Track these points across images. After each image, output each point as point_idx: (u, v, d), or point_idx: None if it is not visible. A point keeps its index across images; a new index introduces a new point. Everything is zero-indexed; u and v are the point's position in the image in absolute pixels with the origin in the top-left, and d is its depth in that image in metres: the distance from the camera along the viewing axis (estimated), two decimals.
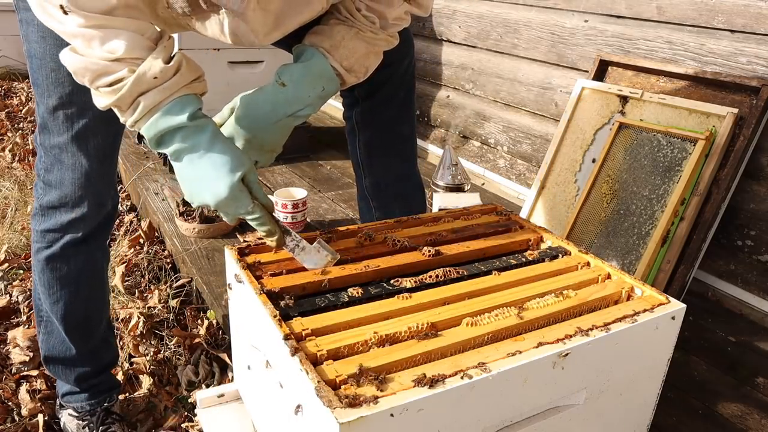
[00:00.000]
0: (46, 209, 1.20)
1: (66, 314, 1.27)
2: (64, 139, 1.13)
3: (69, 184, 1.16)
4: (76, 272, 1.25)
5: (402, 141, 1.44)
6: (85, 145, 1.14)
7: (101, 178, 1.20)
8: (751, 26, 1.70)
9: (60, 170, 1.16)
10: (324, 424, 0.70)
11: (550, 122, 2.38)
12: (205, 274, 1.86)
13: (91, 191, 1.19)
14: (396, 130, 1.41)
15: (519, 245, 1.20)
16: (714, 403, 1.41)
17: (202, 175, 0.91)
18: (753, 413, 1.38)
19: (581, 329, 0.88)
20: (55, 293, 1.25)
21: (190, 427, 1.45)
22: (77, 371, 1.35)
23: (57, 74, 1.07)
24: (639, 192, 1.78)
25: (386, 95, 1.35)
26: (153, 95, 0.87)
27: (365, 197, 1.47)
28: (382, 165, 1.43)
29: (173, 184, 2.54)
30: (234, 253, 1.06)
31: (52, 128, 1.13)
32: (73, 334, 1.30)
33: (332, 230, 1.16)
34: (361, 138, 1.41)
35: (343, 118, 1.45)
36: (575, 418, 0.92)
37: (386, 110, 1.38)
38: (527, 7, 2.40)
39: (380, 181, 1.43)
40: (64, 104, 1.10)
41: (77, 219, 1.19)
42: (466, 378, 0.76)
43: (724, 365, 1.56)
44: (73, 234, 1.21)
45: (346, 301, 0.95)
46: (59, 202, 1.18)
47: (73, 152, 1.14)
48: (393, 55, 1.24)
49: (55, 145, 1.14)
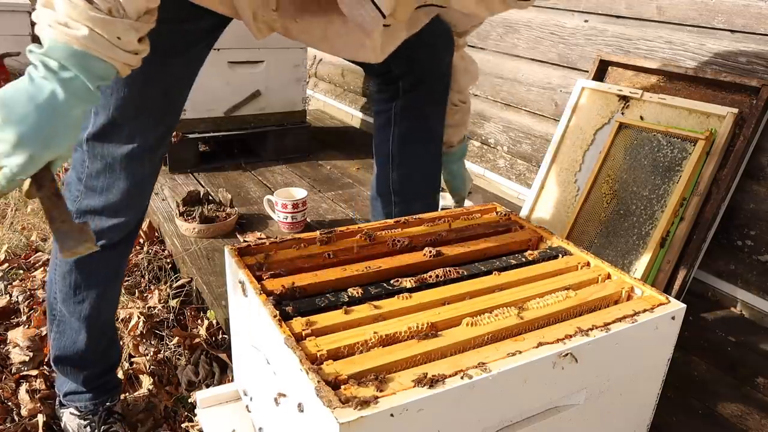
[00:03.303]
0: (83, 213, 1.17)
1: (90, 315, 1.27)
2: (122, 151, 1.11)
3: (117, 193, 1.14)
4: (105, 275, 1.25)
5: (435, 137, 1.46)
6: (141, 159, 1.13)
7: (149, 189, 1.21)
8: (751, 26, 1.70)
9: (109, 178, 1.13)
10: (324, 424, 0.70)
11: (550, 122, 2.38)
12: (205, 274, 1.86)
13: (138, 200, 1.19)
14: (431, 125, 1.44)
15: (519, 245, 1.20)
16: (714, 403, 1.41)
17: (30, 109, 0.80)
18: (753, 413, 1.38)
19: (581, 329, 0.88)
20: (80, 293, 1.25)
21: (190, 427, 1.45)
22: (86, 371, 1.35)
23: (130, 90, 1.06)
24: (639, 192, 1.78)
25: (429, 89, 1.38)
26: (102, 43, 0.81)
27: (387, 192, 1.47)
28: (415, 157, 1.44)
29: (173, 184, 2.54)
30: (234, 253, 1.06)
31: (112, 139, 1.11)
32: (91, 333, 1.30)
33: (332, 230, 1.16)
34: (396, 130, 1.42)
35: (374, 114, 1.46)
36: (575, 418, 0.92)
37: (427, 104, 1.40)
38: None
39: (411, 174, 1.45)
40: (129, 119, 1.09)
41: (117, 225, 1.18)
42: (466, 378, 0.76)
43: (724, 365, 1.56)
44: (109, 239, 1.19)
45: (346, 301, 0.95)
46: (102, 208, 1.16)
47: (127, 163, 1.12)
48: (440, 50, 1.27)
49: (108, 153, 1.12)
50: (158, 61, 0.97)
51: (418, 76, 1.34)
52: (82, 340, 1.30)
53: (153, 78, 1.07)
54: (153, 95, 1.10)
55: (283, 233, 2.14)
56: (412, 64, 1.33)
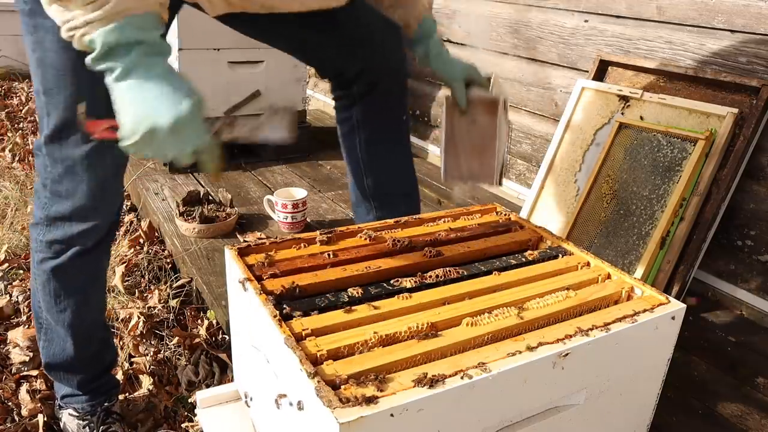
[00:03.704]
0: (53, 220, 1.15)
1: (73, 322, 1.26)
2: (81, 152, 1.08)
3: (82, 196, 1.12)
4: (84, 281, 1.24)
5: (402, 136, 1.44)
6: (102, 158, 1.10)
7: (115, 189, 1.18)
8: (751, 26, 1.70)
9: (72, 182, 1.11)
10: (324, 424, 0.70)
11: (550, 122, 2.38)
12: (205, 274, 1.86)
13: (105, 202, 1.16)
14: (396, 125, 1.42)
15: (519, 245, 1.20)
16: (714, 403, 1.41)
17: (157, 94, 0.83)
18: (753, 413, 1.38)
19: (581, 329, 0.88)
20: (61, 302, 1.23)
21: (190, 427, 1.45)
22: (79, 376, 1.35)
23: (78, 88, 1.03)
24: (639, 192, 1.78)
25: (385, 90, 1.36)
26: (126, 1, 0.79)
27: (365, 198, 1.46)
28: (386, 161, 1.43)
29: (173, 184, 2.54)
30: (234, 253, 1.06)
31: (69, 141, 1.08)
32: (77, 339, 1.29)
33: (332, 230, 1.16)
34: (362, 135, 1.40)
35: (337, 123, 1.44)
36: (575, 418, 0.92)
37: (386, 105, 1.38)
38: (527, 7, 2.40)
39: (383, 179, 1.43)
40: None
41: (88, 230, 1.16)
42: (466, 378, 0.76)
43: (724, 365, 1.56)
44: (82, 245, 1.17)
45: (346, 301, 0.95)
46: (71, 214, 1.14)
47: (88, 165, 1.09)
48: (387, 46, 1.24)
49: (68, 156, 1.09)
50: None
51: (371, 78, 1.31)
52: (71, 347, 1.29)
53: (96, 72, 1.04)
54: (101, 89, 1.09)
55: (283, 233, 2.14)
56: (362, 65, 1.31)
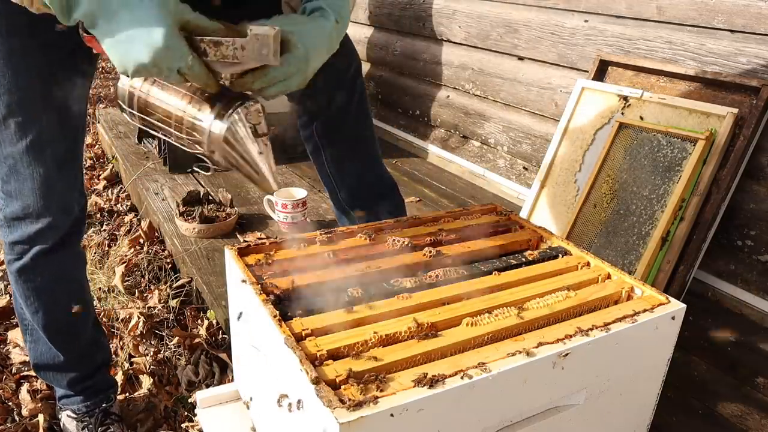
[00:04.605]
0: (10, 220, 1.15)
1: (47, 323, 1.24)
2: (18, 149, 1.07)
3: (29, 194, 1.11)
4: (50, 281, 1.21)
5: (367, 144, 1.45)
6: (41, 153, 1.08)
7: (64, 185, 1.14)
8: (751, 26, 1.70)
9: (17, 180, 1.10)
10: (324, 424, 0.70)
11: (550, 122, 2.38)
12: (205, 274, 1.86)
13: (55, 199, 1.13)
14: (359, 136, 1.42)
15: (519, 245, 1.20)
16: (714, 403, 1.41)
17: (128, 34, 0.78)
18: (753, 413, 1.38)
19: (581, 329, 0.88)
20: (32, 303, 1.22)
21: (190, 427, 1.45)
22: (68, 376, 1.34)
23: (2, 81, 1.01)
24: (639, 192, 1.78)
25: (341, 103, 1.36)
26: None
27: (344, 210, 1.47)
28: (354, 173, 1.43)
29: (173, 184, 2.54)
30: (234, 253, 1.06)
31: (4, 138, 1.06)
32: (57, 341, 1.27)
33: (332, 230, 1.16)
34: (327, 151, 1.42)
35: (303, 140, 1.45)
36: (575, 418, 0.92)
37: (345, 118, 1.38)
38: (527, 7, 2.40)
39: (355, 190, 1.44)
40: (13, 113, 1.04)
41: (44, 229, 1.14)
42: (466, 378, 0.76)
43: (724, 365, 1.56)
44: (41, 245, 1.15)
45: (346, 301, 0.95)
46: (23, 213, 1.13)
47: (28, 162, 1.08)
48: (339, 64, 1.21)
49: (8, 155, 1.08)
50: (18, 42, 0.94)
51: (326, 95, 1.27)
52: (54, 347, 1.28)
53: (23, 64, 1.01)
54: (31, 82, 1.04)
55: (283, 233, 2.14)
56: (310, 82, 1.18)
